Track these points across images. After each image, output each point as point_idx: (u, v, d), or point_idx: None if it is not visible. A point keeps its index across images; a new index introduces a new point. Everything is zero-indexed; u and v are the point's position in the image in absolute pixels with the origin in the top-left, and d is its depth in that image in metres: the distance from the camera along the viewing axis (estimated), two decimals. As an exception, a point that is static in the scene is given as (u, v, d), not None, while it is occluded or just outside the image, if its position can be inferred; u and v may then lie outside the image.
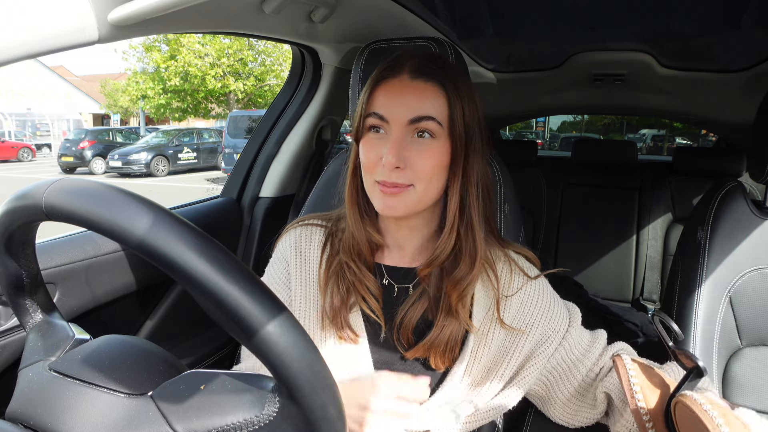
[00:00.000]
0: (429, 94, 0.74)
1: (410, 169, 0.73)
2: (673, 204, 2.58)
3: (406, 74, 0.75)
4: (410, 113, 0.73)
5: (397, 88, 0.74)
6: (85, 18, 0.60)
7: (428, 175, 0.74)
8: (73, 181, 0.47)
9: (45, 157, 21.00)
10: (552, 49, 1.83)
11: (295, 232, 0.89)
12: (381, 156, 0.74)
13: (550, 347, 0.82)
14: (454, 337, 0.79)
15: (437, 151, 0.74)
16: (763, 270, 1.07)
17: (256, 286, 0.43)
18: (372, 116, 0.75)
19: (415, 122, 0.73)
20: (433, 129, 0.73)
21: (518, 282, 0.84)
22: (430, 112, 0.73)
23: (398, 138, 0.73)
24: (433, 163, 0.74)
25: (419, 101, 0.73)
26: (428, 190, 0.76)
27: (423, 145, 0.74)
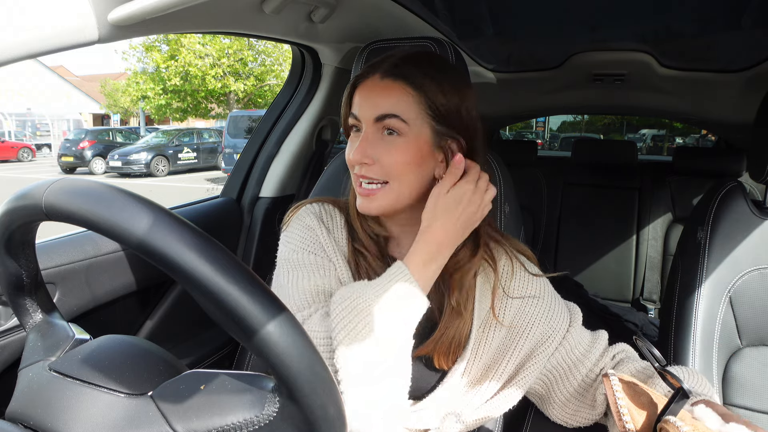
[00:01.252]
0: (394, 93, 0.75)
1: (378, 164, 0.75)
2: (673, 204, 2.58)
3: (378, 74, 0.77)
4: (375, 111, 0.75)
5: (368, 88, 0.77)
6: (85, 18, 0.60)
7: (398, 171, 0.75)
8: (73, 181, 0.47)
9: (45, 157, 21.00)
10: (552, 49, 1.83)
11: (314, 206, 0.87)
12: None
13: (550, 347, 0.82)
14: (459, 336, 0.79)
15: (404, 147, 0.75)
16: (763, 270, 1.07)
17: (256, 286, 0.43)
18: (351, 117, 0.79)
19: (379, 120, 0.75)
20: (396, 126, 0.74)
21: (520, 280, 0.84)
22: (393, 109, 0.74)
23: (366, 136, 0.76)
24: (401, 160, 0.75)
25: (384, 99, 0.75)
26: (403, 186, 0.76)
27: (389, 142, 0.75)
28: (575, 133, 15.67)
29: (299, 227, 0.85)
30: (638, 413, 0.66)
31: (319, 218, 0.85)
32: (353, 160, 0.76)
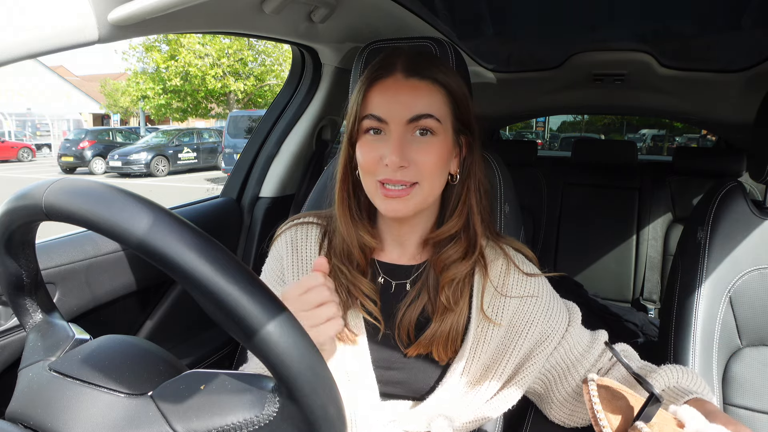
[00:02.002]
0: (425, 92, 0.74)
1: (414, 166, 0.74)
2: (673, 204, 2.58)
3: (400, 73, 0.75)
4: (409, 112, 0.73)
5: (393, 88, 0.74)
6: (85, 18, 0.60)
7: (432, 172, 0.75)
8: (73, 181, 0.47)
9: (45, 157, 21.00)
10: (552, 49, 1.83)
11: (290, 231, 0.89)
12: (381, 156, 0.74)
13: (549, 346, 0.82)
14: (455, 328, 0.79)
15: (438, 147, 0.75)
16: (763, 270, 1.07)
17: (256, 286, 0.43)
18: (369, 118, 0.75)
19: (414, 121, 0.73)
20: (432, 126, 0.74)
21: (516, 279, 0.84)
22: (428, 109, 0.74)
23: (399, 137, 0.73)
24: (435, 160, 0.75)
25: (416, 99, 0.73)
26: (433, 187, 0.77)
27: (424, 142, 0.74)
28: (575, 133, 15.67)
29: (271, 257, 0.90)
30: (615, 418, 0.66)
31: (293, 243, 0.87)
32: (392, 163, 0.72)
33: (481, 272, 0.82)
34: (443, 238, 0.81)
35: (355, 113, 0.76)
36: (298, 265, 0.86)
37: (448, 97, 0.76)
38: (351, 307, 0.82)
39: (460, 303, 0.80)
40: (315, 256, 0.86)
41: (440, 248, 0.81)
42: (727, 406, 1.05)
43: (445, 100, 0.75)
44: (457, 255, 0.80)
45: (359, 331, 0.82)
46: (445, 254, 0.80)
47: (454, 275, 0.79)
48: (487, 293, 0.82)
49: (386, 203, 0.75)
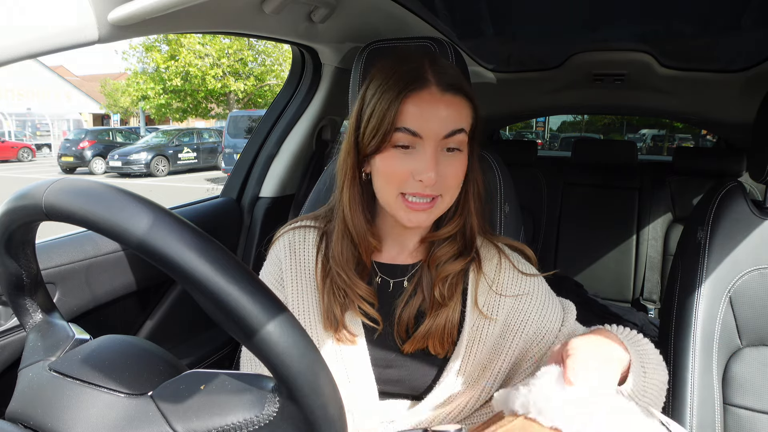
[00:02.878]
0: (459, 107, 0.74)
1: (442, 181, 0.74)
2: (673, 204, 2.58)
3: (435, 87, 0.73)
4: (446, 128, 0.72)
5: (429, 102, 0.72)
6: (85, 18, 0.60)
7: (455, 186, 0.77)
8: (73, 181, 0.47)
9: (45, 157, 21.00)
10: (552, 49, 1.83)
11: (288, 235, 0.90)
12: (411, 171, 0.72)
13: (543, 345, 0.83)
14: (451, 321, 0.80)
15: (463, 161, 0.76)
16: (763, 270, 1.07)
17: (256, 286, 0.43)
18: (402, 131, 0.72)
19: (449, 136, 0.73)
20: (462, 141, 0.75)
21: (510, 277, 0.84)
22: (461, 124, 0.74)
23: (434, 153, 0.72)
24: (460, 174, 0.76)
25: (452, 114, 0.73)
26: (453, 197, 0.78)
27: (452, 158, 0.75)
28: (575, 133, 15.67)
29: (269, 259, 0.91)
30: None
31: (291, 247, 0.88)
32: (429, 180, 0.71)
33: (475, 268, 0.83)
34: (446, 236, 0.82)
35: (389, 123, 0.72)
36: (297, 269, 0.87)
37: (473, 109, 0.77)
38: (348, 309, 0.82)
39: (453, 298, 0.81)
40: (313, 259, 0.87)
41: (436, 247, 0.83)
42: (727, 406, 1.05)
43: (472, 113, 0.76)
44: (451, 254, 0.82)
45: (357, 331, 0.83)
46: (440, 252, 0.81)
47: (447, 272, 0.80)
48: (482, 289, 0.82)
49: (409, 215, 0.75)
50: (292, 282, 0.86)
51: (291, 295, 0.86)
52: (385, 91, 0.73)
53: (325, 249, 0.86)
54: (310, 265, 0.86)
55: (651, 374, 0.71)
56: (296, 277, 0.86)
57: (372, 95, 0.75)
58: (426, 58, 0.77)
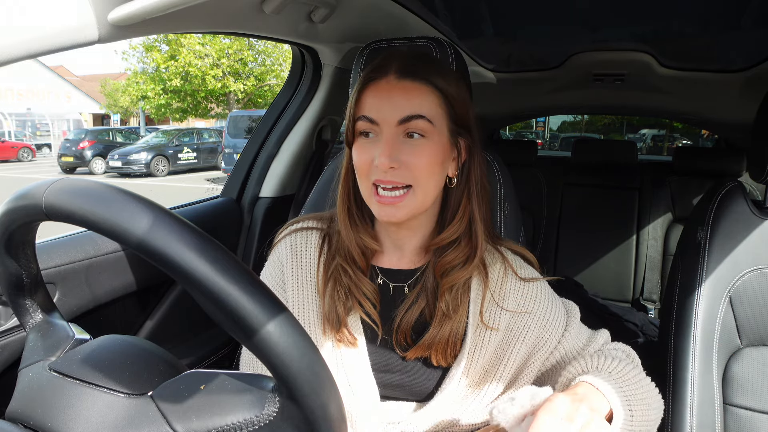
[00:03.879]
0: (417, 93, 0.73)
1: (405, 168, 0.73)
2: (673, 204, 2.58)
3: (393, 74, 0.74)
4: (399, 113, 0.72)
5: (385, 89, 0.74)
6: (85, 18, 0.60)
7: (424, 175, 0.74)
8: (73, 181, 0.47)
9: (45, 157, 21.00)
10: (552, 49, 1.83)
11: (290, 237, 0.89)
12: (372, 158, 0.73)
13: (546, 350, 0.82)
14: (455, 334, 0.79)
15: (429, 149, 0.74)
16: (763, 270, 1.07)
17: (256, 286, 0.43)
18: (361, 120, 0.75)
19: (404, 122, 0.73)
20: (423, 128, 0.73)
21: (514, 284, 0.83)
22: (419, 110, 0.73)
23: (389, 139, 0.73)
24: (427, 162, 0.73)
25: (407, 100, 0.73)
26: (427, 190, 0.75)
27: (414, 145, 0.73)
28: (575, 133, 15.67)
29: (271, 261, 0.90)
30: None
31: (293, 249, 0.87)
32: (381, 164, 0.72)
33: (480, 279, 0.82)
34: (448, 241, 0.80)
35: (350, 115, 0.76)
36: (299, 272, 0.86)
37: (442, 98, 0.74)
38: (351, 309, 0.82)
39: (459, 310, 0.79)
40: (315, 261, 0.86)
41: (441, 253, 0.80)
42: (727, 406, 1.05)
43: (438, 101, 0.74)
44: (458, 260, 0.79)
45: (358, 333, 0.82)
46: (446, 259, 0.79)
47: (454, 281, 0.78)
48: (486, 300, 0.81)
49: (380, 208, 0.75)
50: (293, 285, 0.86)
51: (292, 297, 0.85)
52: (356, 85, 0.77)
53: (327, 251, 0.85)
54: (312, 268, 0.86)
55: (639, 416, 0.69)
56: (298, 280, 0.86)
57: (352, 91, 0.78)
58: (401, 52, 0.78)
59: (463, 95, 0.77)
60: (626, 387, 0.71)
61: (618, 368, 0.74)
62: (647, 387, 0.75)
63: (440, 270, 0.79)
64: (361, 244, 0.81)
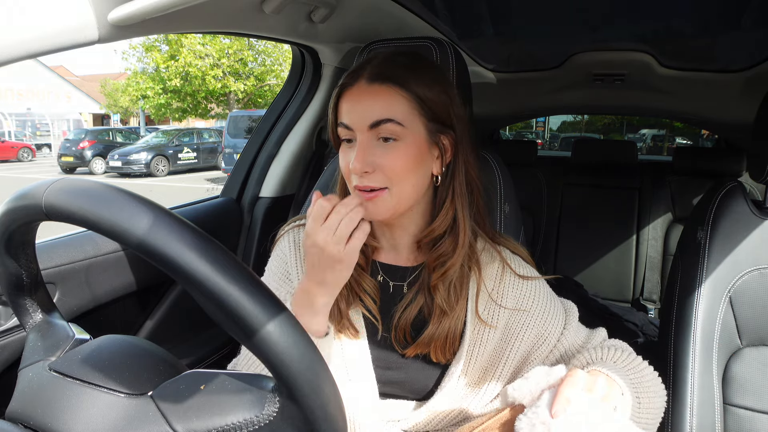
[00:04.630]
0: (384, 96, 0.73)
1: (379, 171, 0.73)
2: (673, 204, 2.58)
3: (364, 80, 0.75)
4: (369, 118, 0.73)
5: (356, 95, 0.75)
6: (85, 18, 0.60)
7: (399, 177, 0.74)
8: (73, 181, 0.47)
9: (45, 157, 21.00)
10: (552, 49, 1.83)
11: (293, 232, 0.90)
12: (350, 163, 0.74)
13: (545, 349, 0.82)
14: (453, 330, 0.79)
15: (403, 151, 0.74)
16: (763, 270, 1.07)
17: (256, 286, 0.43)
18: (340, 126, 0.77)
19: (374, 126, 0.73)
20: (393, 131, 0.73)
21: (512, 283, 0.83)
22: (387, 114, 0.73)
23: (362, 144, 0.74)
24: (401, 164, 0.74)
25: (375, 104, 0.73)
26: (404, 190, 0.76)
27: (387, 148, 0.74)
28: (575, 133, 15.66)
29: (275, 255, 0.91)
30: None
31: (295, 244, 0.88)
32: (354, 169, 0.73)
33: (476, 275, 0.82)
34: (433, 237, 0.80)
35: (332, 120, 0.78)
36: (303, 266, 0.87)
37: (412, 99, 0.74)
38: (352, 303, 0.82)
39: (457, 306, 0.80)
40: None
41: (431, 248, 0.81)
42: (727, 406, 1.05)
43: (408, 103, 0.74)
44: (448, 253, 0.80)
45: (360, 327, 0.83)
46: (436, 253, 0.80)
47: (444, 273, 0.79)
48: (482, 297, 0.82)
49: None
50: (298, 278, 0.86)
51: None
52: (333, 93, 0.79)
53: None
54: None
55: (646, 403, 0.71)
56: (302, 274, 0.86)
57: None
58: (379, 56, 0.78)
59: (441, 93, 0.76)
60: (632, 375, 0.72)
61: (622, 358, 0.76)
62: (651, 375, 0.76)
63: (432, 265, 0.80)
64: None
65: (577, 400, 0.59)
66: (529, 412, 0.61)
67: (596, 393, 0.62)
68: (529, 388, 0.65)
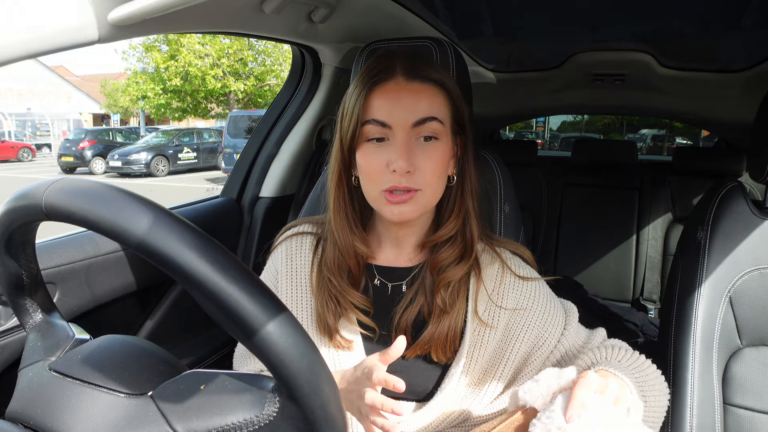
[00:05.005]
0: (428, 95, 0.73)
1: (419, 172, 0.72)
2: (673, 204, 2.58)
3: (401, 76, 0.73)
4: (414, 116, 0.72)
5: (395, 91, 0.73)
6: (85, 18, 0.60)
7: (435, 177, 0.74)
8: (73, 181, 0.47)
9: (45, 157, 20.99)
10: (552, 49, 1.83)
11: (286, 243, 0.89)
12: (387, 162, 0.72)
13: (546, 350, 0.82)
14: (453, 330, 0.79)
15: (442, 151, 0.74)
16: (763, 270, 1.07)
17: (256, 286, 0.43)
18: (371, 123, 0.73)
19: (419, 124, 0.72)
20: (436, 129, 0.73)
21: (512, 284, 0.83)
22: (432, 112, 0.73)
23: (405, 142, 0.72)
24: (438, 164, 0.74)
25: (419, 102, 0.72)
26: (435, 192, 0.76)
27: (429, 148, 0.73)
28: (575, 133, 15.66)
29: (267, 268, 0.91)
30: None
31: (287, 253, 0.88)
32: (400, 169, 0.70)
33: (475, 276, 0.82)
34: (444, 238, 0.80)
35: (357, 118, 0.73)
36: (292, 275, 0.87)
37: (448, 98, 0.75)
38: (342, 316, 0.82)
39: (456, 305, 0.80)
40: (308, 265, 0.86)
41: (437, 250, 0.81)
42: (727, 406, 1.05)
43: (445, 102, 0.75)
44: (454, 257, 0.80)
45: (353, 338, 0.82)
46: (442, 256, 0.79)
47: (450, 277, 0.79)
48: (482, 298, 0.81)
49: (392, 208, 0.74)
50: (287, 289, 0.86)
51: (285, 300, 0.86)
52: (356, 86, 0.75)
53: (321, 255, 0.85)
54: (306, 271, 0.86)
55: (651, 401, 0.71)
56: (291, 284, 0.86)
57: (349, 93, 0.76)
58: (400, 52, 0.77)
59: (459, 93, 0.78)
60: (637, 374, 0.72)
61: (626, 357, 0.76)
62: (655, 373, 0.76)
63: (436, 267, 0.80)
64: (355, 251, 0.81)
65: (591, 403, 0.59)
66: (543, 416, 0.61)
67: (609, 395, 0.61)
68: (540, 391, 0.65)
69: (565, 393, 0.62)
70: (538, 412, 0.62)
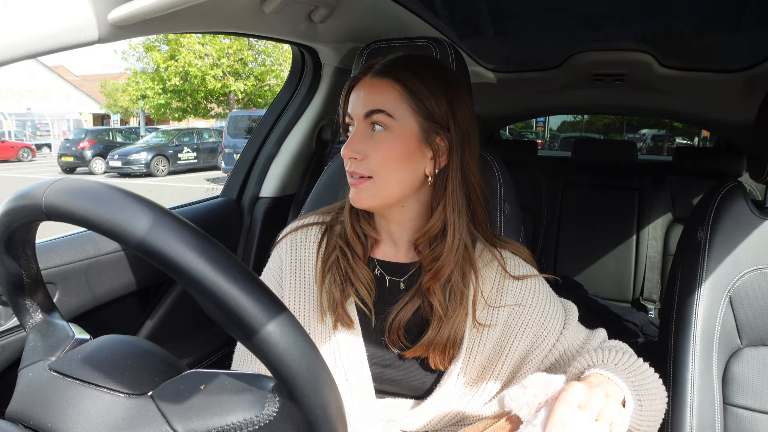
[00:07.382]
0: (380, 89, 0.77)
1: (366, 160, 0.77)
2: (673, 204, 2.58)
3: (369, 74, 0.80)
4: (364, 108, 0.77)
5: (360, 88, 0.80)
6: (85, 18, 0.60)
7: (383, 167, 0.77)
8: (73, 181, 0.47)
9: (45, 157, 21.00)
10: (552, 49, 1.83)
11: (291, 235, 0.91)
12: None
13: (544, 348, 0.82)
14: (453, 336, 0.79)
15: (390, 142, 0.76)
16: (764, 270, 1.07)
17: (256, 286, 0.43)
18: (346, 116, 0.82)
19: (368, 116, 0.77)
20: (382, 121, 0.76)
21: (511, 285, 0.83)
22: (380, 105, 0.76)
23: (356, 131, 0.78)
24: (385, 155, 0.76)
25: (372, 96, 0.77)
26: (388, 183, 0.77)
27: (377, 138, 0.77)
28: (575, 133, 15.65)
29: (271, 261, 0.93)
30: None
31: (292, 245, 0.90)
32: (344, 154, 0.78)
33: (473, 281, 0.82)
34: (429, 238, 0.81)
35: (341, 113, 0.84)
36: (296, 266, 0.88)
37: (406, 94, 0.76)
38: (346, 292, 0.83)
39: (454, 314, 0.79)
40: (313, 255, 0.87)
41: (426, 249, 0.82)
42: (727, 406, 1.05)
43: (401, 97, 0.76)
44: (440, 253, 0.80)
45: (354, 318, 0.83)
46: (431, 254, 0.80)
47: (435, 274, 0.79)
48: (480, 303, 0.82)
49: (352, 192, 0.80)
50: (290, 278, 0.87)
51: (288, 290, 0.87)
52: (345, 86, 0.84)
53: (326, 244, 0.87)
54: (310, 262, 0.87)
55: (647, 406, 0.70)
56: (295, 274, 0.87)
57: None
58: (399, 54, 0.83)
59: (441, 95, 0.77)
60: (633, 377, 0.72)
61: (623, 360, 0.75)
62: (652, 377, 0.76)
63: (428, 265, 0.81)
64: (361, 232, 0.85)
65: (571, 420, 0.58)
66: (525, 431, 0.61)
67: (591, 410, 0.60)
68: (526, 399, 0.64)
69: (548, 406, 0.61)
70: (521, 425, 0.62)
